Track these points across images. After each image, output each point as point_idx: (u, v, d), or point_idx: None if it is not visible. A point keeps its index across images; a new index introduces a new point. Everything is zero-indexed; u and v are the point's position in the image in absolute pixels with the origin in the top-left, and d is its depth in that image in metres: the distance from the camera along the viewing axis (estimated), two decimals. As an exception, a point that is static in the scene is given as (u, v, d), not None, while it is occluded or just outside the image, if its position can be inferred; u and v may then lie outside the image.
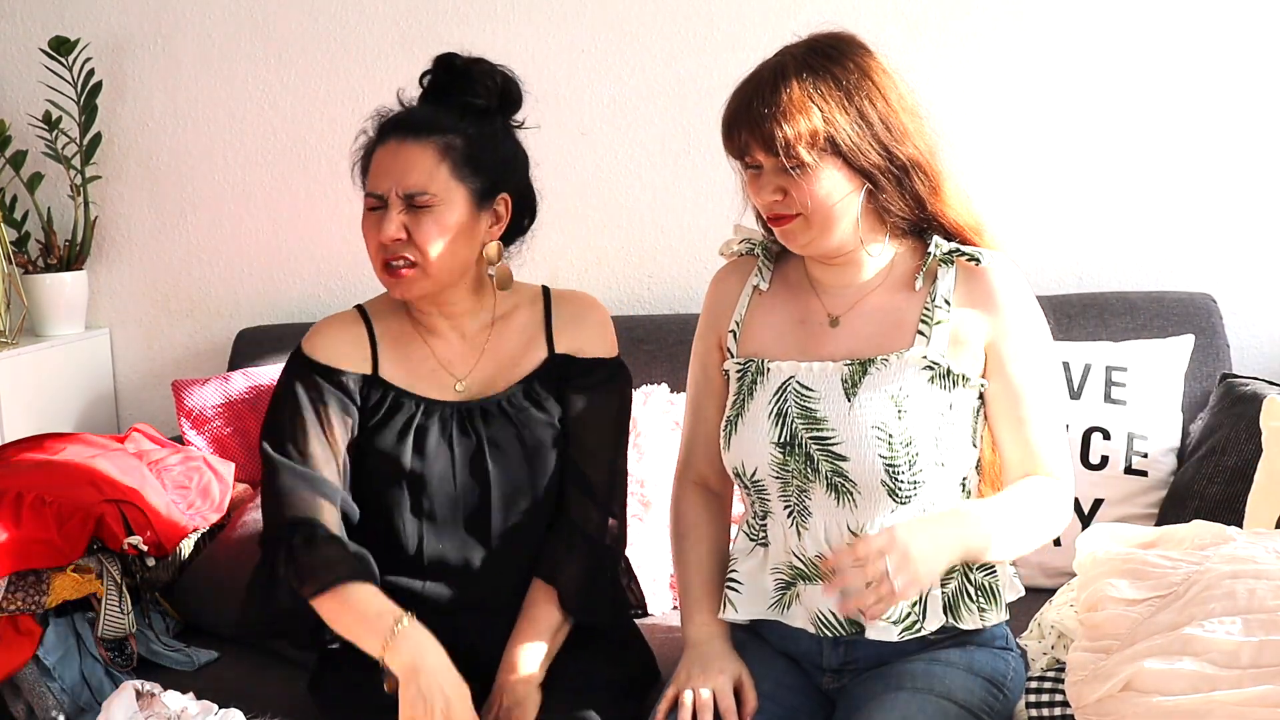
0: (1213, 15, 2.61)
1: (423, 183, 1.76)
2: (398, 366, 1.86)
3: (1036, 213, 2.70)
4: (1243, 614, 1.40)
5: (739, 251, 1.82)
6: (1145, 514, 2.28)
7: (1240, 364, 2.61)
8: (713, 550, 1.81)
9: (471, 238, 1.80)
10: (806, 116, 1.57)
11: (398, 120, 1.81)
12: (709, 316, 1.83)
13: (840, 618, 1.67)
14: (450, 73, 1.84)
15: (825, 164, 1.60)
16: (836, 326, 1.71)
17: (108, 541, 2.12)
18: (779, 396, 1.69)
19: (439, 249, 1.76)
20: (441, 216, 1.76)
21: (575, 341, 1.89)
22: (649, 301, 2.90)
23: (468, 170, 1.78)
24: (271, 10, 2.96)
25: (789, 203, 1.62)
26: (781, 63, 1.62)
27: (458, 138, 1.78)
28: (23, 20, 3.06)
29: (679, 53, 2.81)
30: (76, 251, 3.02)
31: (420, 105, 1.84)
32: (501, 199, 1.83)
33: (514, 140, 1.87)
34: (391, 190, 1.76)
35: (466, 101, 1.81)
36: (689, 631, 1.77)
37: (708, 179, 2.80)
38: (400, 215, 1.76)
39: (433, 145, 1.77)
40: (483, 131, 1.81)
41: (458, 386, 1.86)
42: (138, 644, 2.16)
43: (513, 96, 1.87)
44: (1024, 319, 1.69)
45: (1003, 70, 2.69)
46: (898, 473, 1.63)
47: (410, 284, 1.78)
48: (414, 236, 1.76)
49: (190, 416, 2.68)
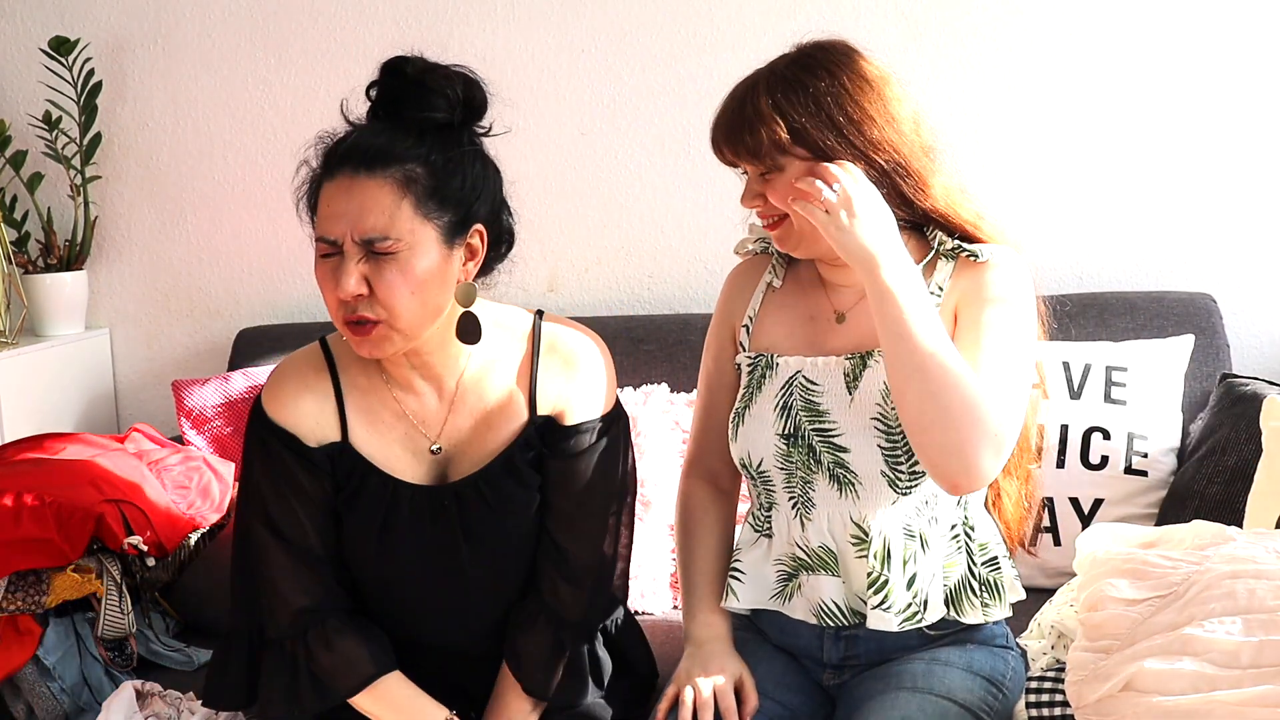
0: (1213, 15, 2.61)
1: (382, 226, 1.50)
2: (368, 430, 1.66)
3: (1036, 212, 2.70)
4: (1243, 614, 1.40)
5: (754, 250, 1.85)
6: (1145, 514, 2.28)
7: (1240, 364, 2.61)
8: (718, 547, 1.82)
9: (444, 282, 1.57)
10: (771, 126, 1.62)
11: (347, 150, 1.54)
12: (723, 311, 1.85)
13: (842, 608, 1.68)
14: (402, 83, 1.57)
15: (796, 168, 1.63)
16: (843, 323, 1.73)
17: (108, 541, 2.12)
18: (785, 390, 1.71)
19: (407, 303, 1.52)
20: (407, 264, 1.51)
21: (561, 400, 1.67)
22: (649, 301, 2.90)
23: (434, 204, 1.53)
24: (271, 10, 2.96)
25: (770, 207, 1.67)
26: (755, 80, 1.67)
27: (419, 166, 1.53)
28: (23, 20, 3.06)
29: (679, 53, 2.81)
30: (76, 251, 3.02)
31: (371, 126, 1.57)
32: (475, 231, 1.59)
33: (483, 157, 1.62)
34: (346, 236, 1.51)
35: (424, 118, 1.55)
36: (691, 629, 1.77)
37: (708, 179, 2.81)
38: (359, 265, 1.51)
39: (391, 179, 1.51)
40: (448, 155, 1.55)
41: (434, 448, 1.67)
42: (138, 644, 2.15)
43: (477, 103, 1.60)
44: (1007, 294, 1.65)
45: (1003, 70, 2.69)
46: (897, 464, 1.65)
47: (378, 344, 1.55)
48: (377, 290, 1.51)
49: (190, 416, 2.68)
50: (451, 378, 1.66)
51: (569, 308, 2.89)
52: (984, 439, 1.54)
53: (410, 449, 1.67)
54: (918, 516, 1.67)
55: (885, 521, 1.66)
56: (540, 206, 2.89)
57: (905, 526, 1.67)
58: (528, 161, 2.88)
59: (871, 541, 1.65)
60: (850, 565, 1.68)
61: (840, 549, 1.68)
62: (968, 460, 1.54)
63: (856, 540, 1.67)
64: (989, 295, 1.64)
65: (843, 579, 1.68)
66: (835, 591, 1.68)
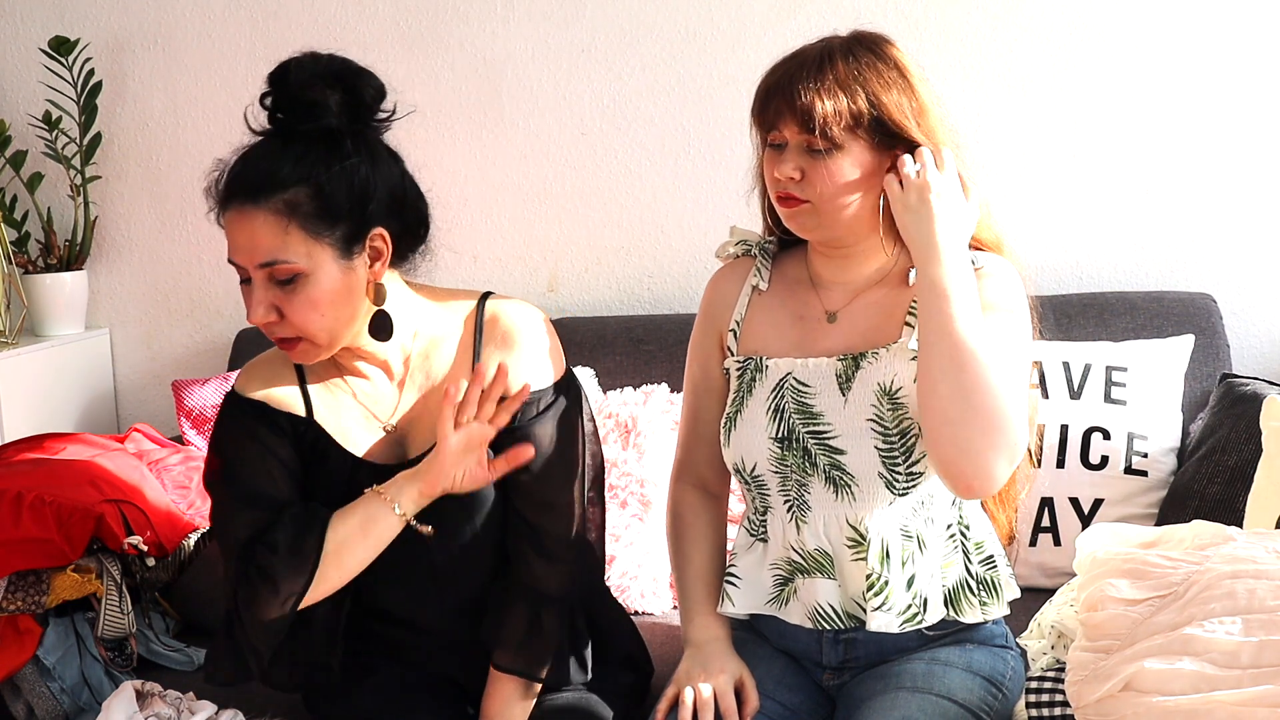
0: (1213, 15, 2.61)
1: (275, 254, 1.55)
2: (329, 409, 1.71)
3: (1037, 212, 2.70)
4: (1243, 614, 1.40)
5: (735, 254, 1.83)
6: (1145, 514, 2.28)
7: (1240, 364, 2.61)
8: (712, 552, 1.81)
9: (351, 293, 1.60)
10: (848, 95, 1.60)
11: (232, 181, 1.59)
12: (707, 316, 1.82)
13: (838, 611, 1.67)
14: (285, 96, 1.59)
15: (852, 149, 1.61)
16: (834, 322, 1.72)
17: (108, 541, 2.12)
18: (777, 393, 1.70)
19: (319, 322, 1.59)
20: (309, 288, 1.57)
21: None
22: (649, 301, 2.90)
23: (323, 225, 1.56)
24: (271, 10, 2.96)
25: (804, 186, 1.63)
26: (828, 45, 1.65)
27: (302, 190, 1.55)
28: (23, 20, 3.06)
29: (679, 53, 2.81)
30: (76, 251, 3.02)
31: (257, 149, 1.60)
32: (376, 234, 1.61)
33: (371, 156, 1.61)
34: (248, 266, 1.58)
35: (311, 129, 1.58)
36: (690, 632, 1.76)
37: (708, 179, 2.80)
38: (267, 293, 1.57)
39: (274, 209, 1.55)
40: (331, 169, 1.56)
41: (387, 426, 1.71)
42: (138, 644, 2.15)
43: (364, 100, 1.61)
44: (1007, 303, 1.65)
45: (1003, 70, 2.69)
46: (894, 464, 1.64)
47: (305, 354, 1.63)
48: (287, 315, 1.58)
49: (190, 416, 2.69)
50: (397, 360, 1.71)
51: (569, 308, 2.89)
52: (1003, 445, 1.54)
53: (367, 429, 1.71)
54: (914, 517, 1.67)
55: (882, 523, 1.65)
56: (540, 206, 2.89)
57: (902, 527, 1.66)
58: (528, 161, 2.88)
59: (870, 543, 1.65)
60: (846, 568, 1.67)
61: (836, 552, 1.67)
62: (983, 463, 1.54)
63: (853, 542, 1.66)
64: (989, 301, 1.63)
65: (839, 582, 1.68)
66: (831, 595, 1.68)
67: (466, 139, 2.90)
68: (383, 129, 1.65)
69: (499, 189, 2.90)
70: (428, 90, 2.89)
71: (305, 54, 1.60)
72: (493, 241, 2.91)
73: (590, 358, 2.66)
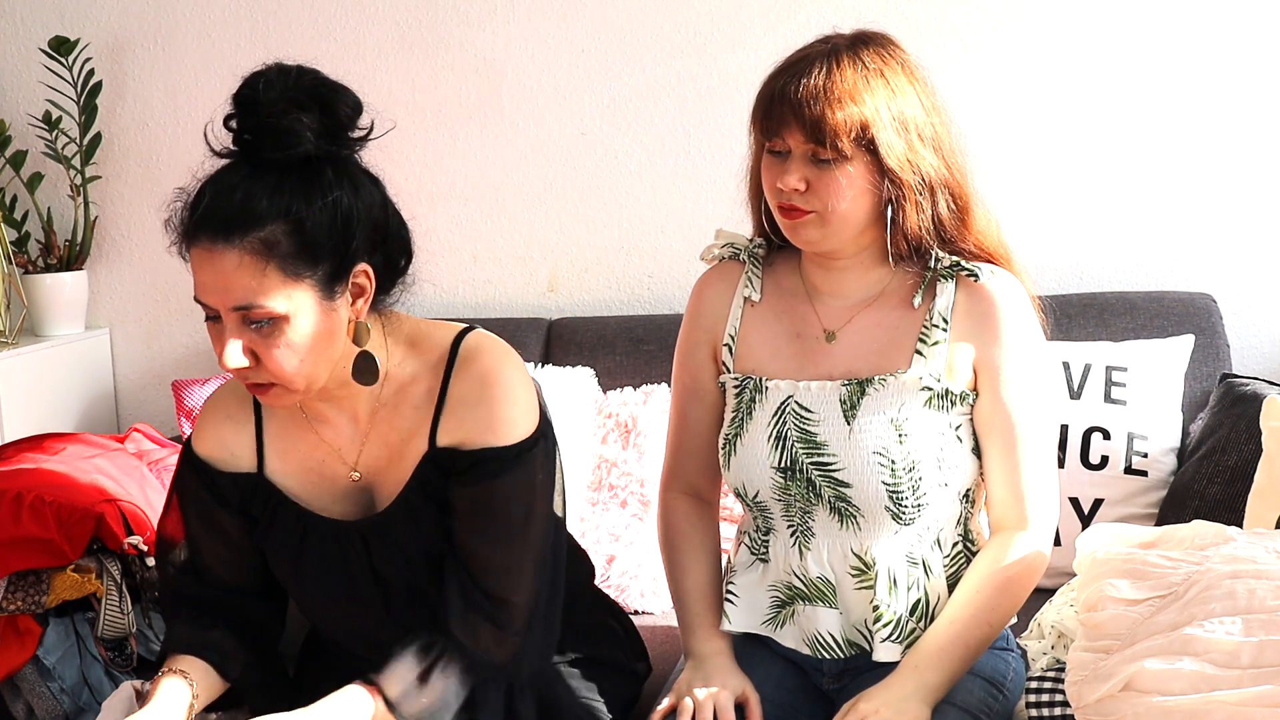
0: (1213, 15, 2.61)
1: (251, 296, 1.42)
2: (285, 459, 1.61)
3: (1037, 213, 2.70)
4: (1243, 614, 1.40)
5: (720, 256, 1.77)
6: (1145, 514, 2.28)
7: (1240, 364, 2.61)
8: (709, 563, 1.77)
9: (332, 335, 1.48)
10: (857, 104, 1.52)
11: (203, 215, 1.43)
12: (696, 324, 1.76)
13: (838, 640, 1.65)
14: (256, 123, 1.43)
15: (859, 160, 1.55)
16: (833, 342, 1.66)
17: (108, 541, 2.12)
18: (778, 418, 1.65)
19: (297, 367, 1.46)
20: (287, 332, 1.44)
21: (461, 430, 1.54)
22: (649, 301, 2.90)
23: (303, 264, 1.43)
24: (271, 10, 2.96)
25: (808, 197, 1.57)
26: (834, 47, 1.58)
27: (279, 226, 1.41)
28: (23, 20, 3.06)
29: (679, 53, 2.81)
30: (76, 251, 3.02)
31: (226, 177, 1.45)
32: (359, 271, 1.49)
33: (354, 183, 1.48)
34: (220, 307, 1.44)
35: (284, 157, 1.43)
36: (692, 644, 1.72)
37: (708, 179, 2.80)
38: (241, 336, 1.44)
39: (249, 248, 1.41)
40: (312, 203, 1.43)
41: (354, 474, 1.60)
42: (138, 644, 2.15)
43: (340, 120, 1.47)
44: (1020, 341, 1.62)
45: (1003, 70, 2.69)
46: (901, 497, 1.60)
47: (278, 398, 1.51)
48: (263, 360, 1.45)
49: (190, 416, 2.69)
50: (365, 405, 1.59)
51: (569, 308, 2.89)
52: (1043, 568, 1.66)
53: (329, 477, 1.62)
54: (919, 543, 1.65)
55: (888, 551, 1.63)
56: (540, 206, 2.89)
57: (908, 554, 1.64)
58: (528, 161, 2.88)
59: (877, 574, 1.62)
60: (849, 596, 1.64)
61: (839, 580, 1.64)
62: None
63: (857, 571, 1.63)
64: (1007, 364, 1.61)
65: (841, 611, 1.65)
66: (833, 624, 1.65)
67: (466, 139, 2.90)
68: (360, 149, 1.52)
69: (499, 189, 2.90)
70: (428, 90, 2.89)
71: (271, 68, 1.46)
72: (493, 241, 2.91)
73: (590, 358, 2.66)
